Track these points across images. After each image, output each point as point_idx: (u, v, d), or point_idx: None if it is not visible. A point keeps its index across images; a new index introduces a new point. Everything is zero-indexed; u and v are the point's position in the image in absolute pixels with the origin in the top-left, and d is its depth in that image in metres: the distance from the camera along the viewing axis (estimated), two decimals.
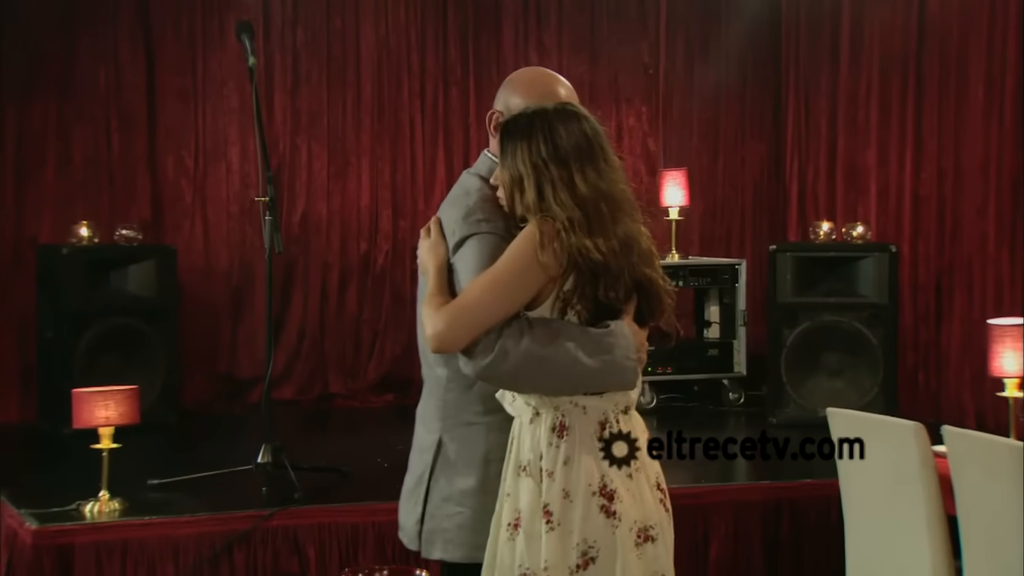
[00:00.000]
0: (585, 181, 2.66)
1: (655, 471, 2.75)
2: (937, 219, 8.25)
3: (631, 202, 2.72)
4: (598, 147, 2.73)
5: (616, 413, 2.72)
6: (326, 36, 9.00)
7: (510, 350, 2.61)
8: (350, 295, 8.98)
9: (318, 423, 8.36)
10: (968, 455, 4.16)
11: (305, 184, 8.92)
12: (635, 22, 9.62)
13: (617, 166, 2.74)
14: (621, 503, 2.65)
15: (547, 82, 3.09)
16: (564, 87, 3.08)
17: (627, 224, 2.68)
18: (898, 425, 4.45)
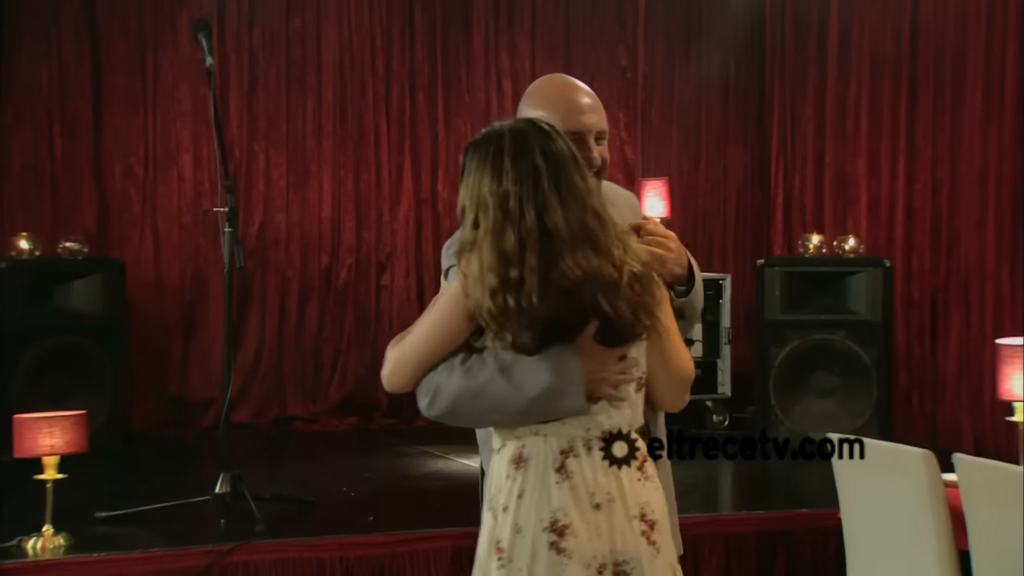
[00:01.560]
0: (524, 221, 2.58)
1: (640, 500, 2.66)
2: (932, 232, 8.22)
3: (589, 233, 2.62)
4: (551, 178, 2.61)
5: (587, 440, 2.65)
6: (285, 37, 8.92)
7: (442, 386, 2.64)
8: (310, 312, 8.89)
9: (276, 448, 8.23)
10: (982, 485, 4.08)
11: (262, 194, 8.83)
12: (612, 23, 9.60)
13: (581, 193, 2.63)
14: (574, 539, 2.56)
15: (566, 93, 2.98)
16: (587, 95, 2.96)
17: (579, 259, 2.57)
18: (906, 453, 4.36)
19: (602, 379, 2.61)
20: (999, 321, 7.65)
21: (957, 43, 8.05)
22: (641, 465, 2.67)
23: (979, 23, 7.87)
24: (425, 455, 7.52)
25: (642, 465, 2.67)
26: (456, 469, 7.07)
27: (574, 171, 2.63)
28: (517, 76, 9.27)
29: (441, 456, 7.45)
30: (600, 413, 2.64)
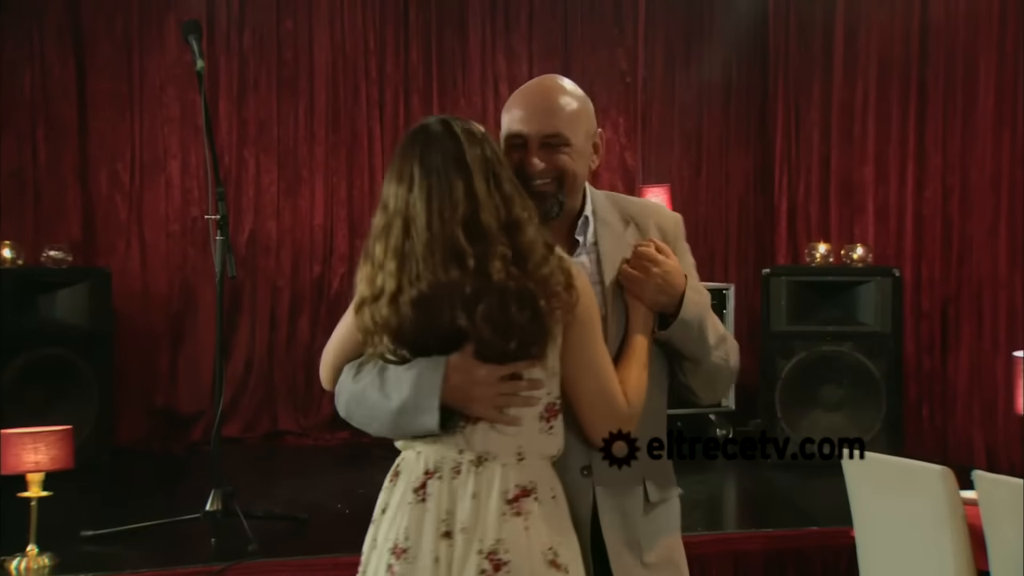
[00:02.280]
0: (391, 229, 2.54)
1: (497, 536, 2.45)
2: (942, 241, 8.18)
3: (454, 244, 2.47)
4: (424, 186, 2.52)
5: (458, 462, 2.51)
6: (276, 39, 8.87)
7: (341, 388, 2.67)
8: (302, 322, 8.84)
9: (267, 463, 8.18)
10: (1003, 503, 4.03)
11: (253, 201, 8.77)
12: (611, 25, 9.56)
13: (457, 202, 2.46)
14: (408, 565, 2.49)
15: (519, 96, 2.83)
16: (542, 99, 2.74)
17: (432, 271, 2.47)
18: (923, 470, 4.32)
19: (475, 398, 2.50)
20: (1012, 332, 7.62)
21: (968, 44, 8.02)
22: (516, 499, 2.51)
23: (991, 23, 7.84)
24: None
25: (517, 499, 2.51)
26: None
27: (459, 178, 2.50)
28: (514, 79, 9.18)
29: None
30: (476, 434, 2.53)
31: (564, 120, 2.70)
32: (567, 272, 2.53)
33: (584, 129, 2.75)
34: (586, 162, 2.77)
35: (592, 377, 2.56)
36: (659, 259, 2.66)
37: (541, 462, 2.55)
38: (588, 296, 2.57)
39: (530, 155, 2.69)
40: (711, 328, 2.71)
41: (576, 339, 2.53)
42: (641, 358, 2.63)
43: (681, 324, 2.65)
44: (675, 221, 2.84)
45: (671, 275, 2.65)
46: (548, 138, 2.69)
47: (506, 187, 2.54)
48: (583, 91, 2.83)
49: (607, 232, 2.75)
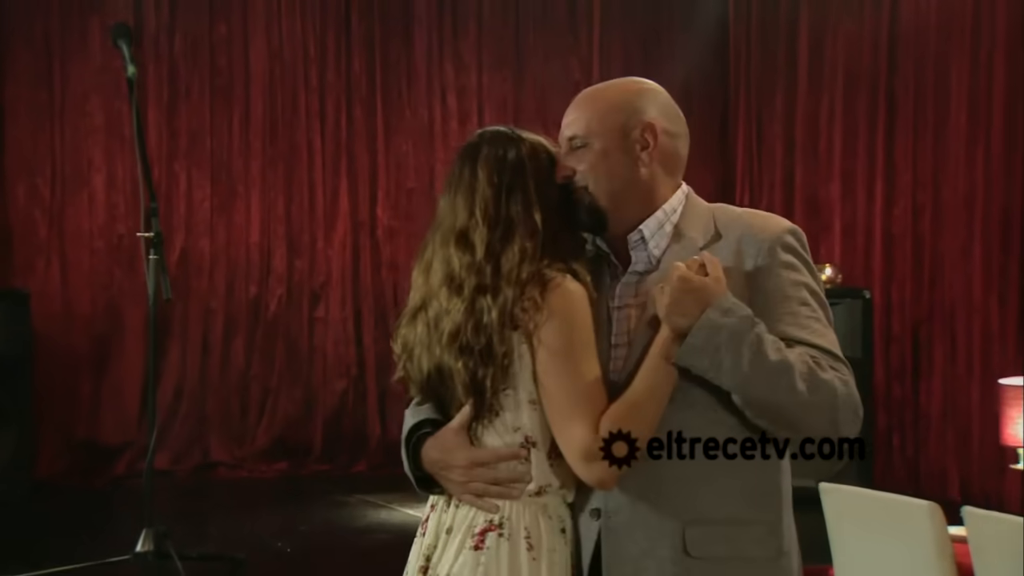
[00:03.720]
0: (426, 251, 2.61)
1: (446, 571, 2.50)
2: (913, 261, 8.19)
3: (450, 272, 2.52)
4: (457, 193, 2.57)
5: (435, 502, 2.61)
6: (208, 45, 8.77)
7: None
8: (236, 346, 8.73)
9: (199, 498, 8.04)
10: (994, 540, 3.98)
11: (184, 217, 8.65)
12: (564, 34, 9.54)
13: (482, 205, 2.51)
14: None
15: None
16: (580, 97, 2.68)
17: (435, 304, 2.53)
18: (909, 505, 4.26)
19: (449, 480, 2.52)
20: (987, 357, 7.62)
21: (940, 54, 8.04)
22: (482, 533, 2.50)
23: (963, 32, 7.86)
24: (365, 504, 7.39)
25: (483, 533, 2.50)
26: (400, 520, 6.93)
27: (469, 183, 2.52)
28: (463, 90, 9.17)
29: (383, 505, 7.32)
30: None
31: (583, 119, 2.57)
32: (543, 288, 2.45)
33: (611, 126, 2.54)
34: (625, 163, 2.55)
35: (552, 408, 2.47)
36: (685, 276, 2.42)
37: (523, 496, 2.51)
38: (563, 319, 2.46)
39: (559, 161, 2.59)
40: (751, 355, 2.39)
41: (540, 365, 2.46)
42: (641, 387, 2.45)
43: (688, 350, 2.40)
44: (773, 236, 2.51)
45: (695, 294, 2.40)
46: (569, 141, 2.58)
47: (529, 194, 2.52)
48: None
49: (678, 248, 2.54)
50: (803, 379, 2.39)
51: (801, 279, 2.50)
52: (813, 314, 2.48)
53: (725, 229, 2.55)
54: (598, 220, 2.56)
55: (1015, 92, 7.55)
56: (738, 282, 2.47)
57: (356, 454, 8.62)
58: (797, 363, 2.38)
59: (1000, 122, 7.64)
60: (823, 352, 2.44)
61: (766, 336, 2.39)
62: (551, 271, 2.47)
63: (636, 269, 2.57)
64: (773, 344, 2.39)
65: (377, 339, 8.86)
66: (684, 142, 2.63)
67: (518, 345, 2.45)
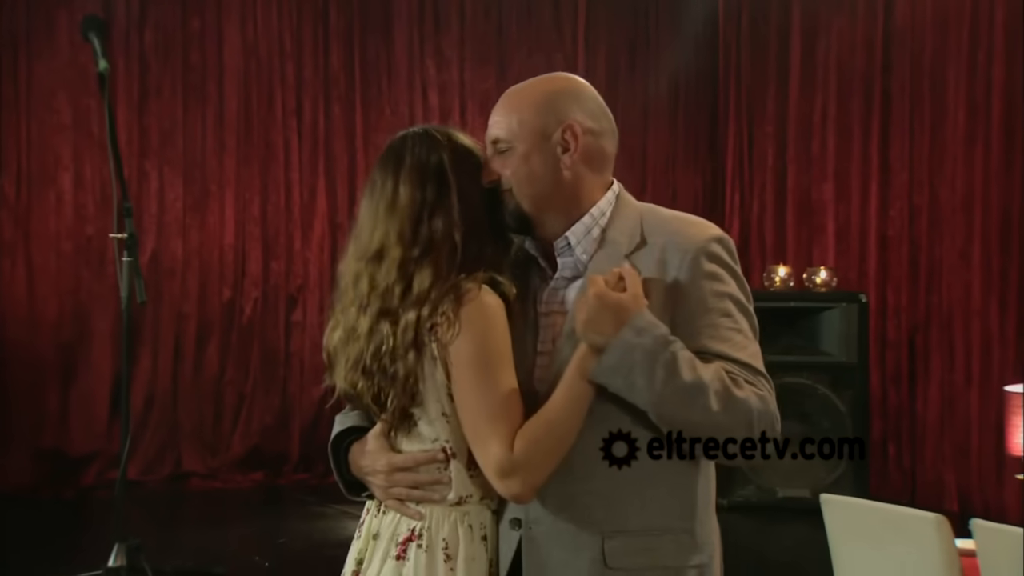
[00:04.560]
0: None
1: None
2: (909, 264, 8.18)
3: (358, 284, 2.58)
4: (375, 199, 2.62)
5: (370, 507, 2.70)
6: (181, 40, 8.71)
7: None
8: (210, 352, 8.67)
9: (172, 510, 7.98)
10: (1005, 555, 3.96)
11: (156, 218, 8.57)
12: (549, 30, 9.50)
13: (370, 228, 2.57)
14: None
15: None
16: (505, 95, 2.69)
17: (344, 318, 2.62)
18: (914, 517, 4.22)
19: (373, 484, 2.62)
20: (987, 364, 7.61)
21: (936, 52, 8.03)
22: (404, 542, 2.57)
23: (960, 30, 7.84)
24: (345, 515, 7.32)
25: (404, 542, 2.57)
26: None
27: (386, 190, 2.56)
28: (444, 87, 9.13)
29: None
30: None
31: (504, 121, 2.59)
32: (457, 302, 2.49)
33: (530, 128, 2.55)
34: (546, 167, 2.56)
35: (467, 423, 2.51)
36: (601, 292, 2.41)
37: (439, 508, 2.58)
38: (476, 332, 2.48)
39: (488, 162, 2.61)
40: (664, 375, 2.38)
41: (454, 380, 2.51)
42: (557, 403, 2.47)
43: (602, 369, 2.41)
44: (697, 245, 2.50)
45: (611, 311, 2.40)
46: (493, 144, 2.60)
47: (451, 210, 2.54)
48: (552, 85, 2.62)
49: (604, 255, 2.55)
50: (718, 398, 2.40)
51: (724, 290, 2.51)
52: (735, 326, 2.49)
53: (651, 235, 2.56)
54: (523, 224, 2.59)
55: (1014, 90, 7.54)
56: (659, 293, 2.48)
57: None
58: (712, 382, 2.39)
59: (999, 121, 7.63)
60: (742, 366, 2.45)
61: (681, 355, 2.40)
62: (467, 283, 2.50)
63: (563, 275, 2.60)
64: (688, 363, 2.40)
65: None
66: (610, 139, 2.63)
67: (428, 363, 2.50)
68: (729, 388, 2.40)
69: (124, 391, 5.18)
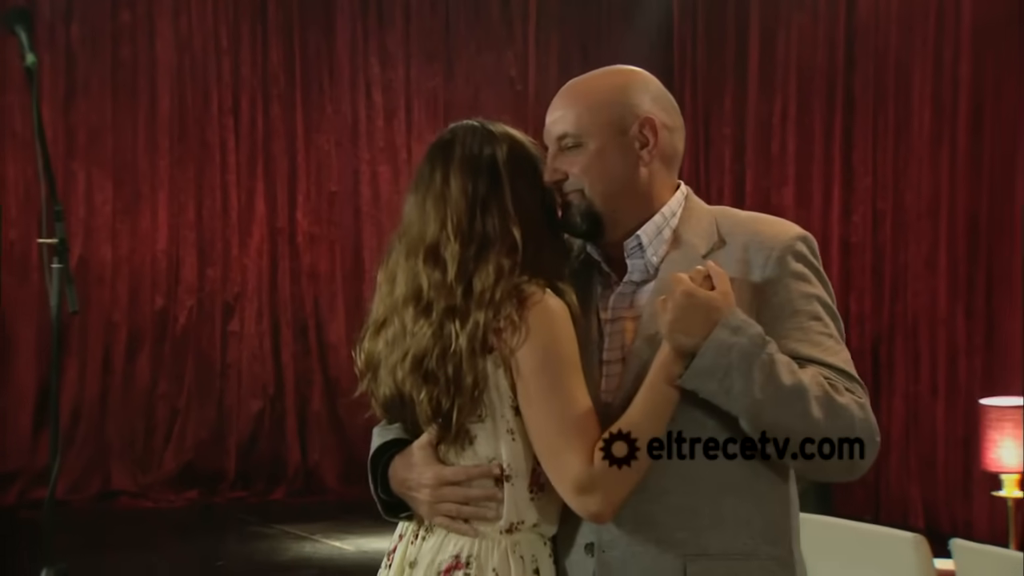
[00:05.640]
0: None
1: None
2: (873, 272, 8.17)
3: (417, 291, 2.47)
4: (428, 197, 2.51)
5: (424, 528, 2.54)
6: (110, 34, 8.60)
7: None
8: (141, 363, 8.57)
9: (100, 531, 7.81)
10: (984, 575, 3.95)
11: (83, 222, 8.46)
12: (498, 25, 9.47)
13: (454, 214, 2.45)
14: None
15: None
16: (562, 91, 2.57)
17: (397, 322, 2.49)
18: (892, 537, 4.21)
19: (418, 501, 2.49)
20: (953, 375, 7.61)
21: (901, 50, 8.03)
22: (448, 570, 2.46)
23: (926, 26, 7.85)
24: (286, 536, 7.28)
25: (449, 570, 2.46)
26: (327, 553, 6.84)
27: (441, 189, 2.44)
28: (389, 85, 9.07)
29: (306, 537, 7.21)
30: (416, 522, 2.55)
31: (572, 116, 2.47)
32: (521, 306, 2.36)
33: (604, 122, 2.45)
34: (624, 164, 2.46)
35: (538, 437, 2.38)
36: (690, 290, 2.31)
37: (489, 536, 2.45)
38: (544, 339, 2.36)
39: (547, 163, 2.50)
40: (763, 378, 2.31)
41: (522, 391, 2.38)
42: (639, 411, 2.36)
43: (694, 372, 2.31)
44: (783, 243, 2.41)
45: (701, 310, 2.31)
46: (559, 140, 2.48)
47: (507, 206, 2.42)
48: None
49: (679, 256, 2.44)
50: (819, 404, 2.30)
51: (813, 291, 2.41)
52: (825, 330, 2.39)
53: (729, 235, 2.45)
54: (595, 226, 2.47)
55: (982, 89, 7.56)
56: (744, 294, 2.38)
57: (273, 480, 8.47)
58: (812, 387, 2.29)
59: (966, 122, 7.63)
60: (837, 372, 2.35)
61: (779, 357, 2.30)
62: (530, 287, 2.38)
63: (632, 278, 2.48)
64: (787, 366, 2.30)
65: (296, 355, 8.74)
66: (681, 136, 2.54)
67: (493, 371, 2.37)
68: (830, 394, 2.31)
69: (53, 405, 5.01)
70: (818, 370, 2.33)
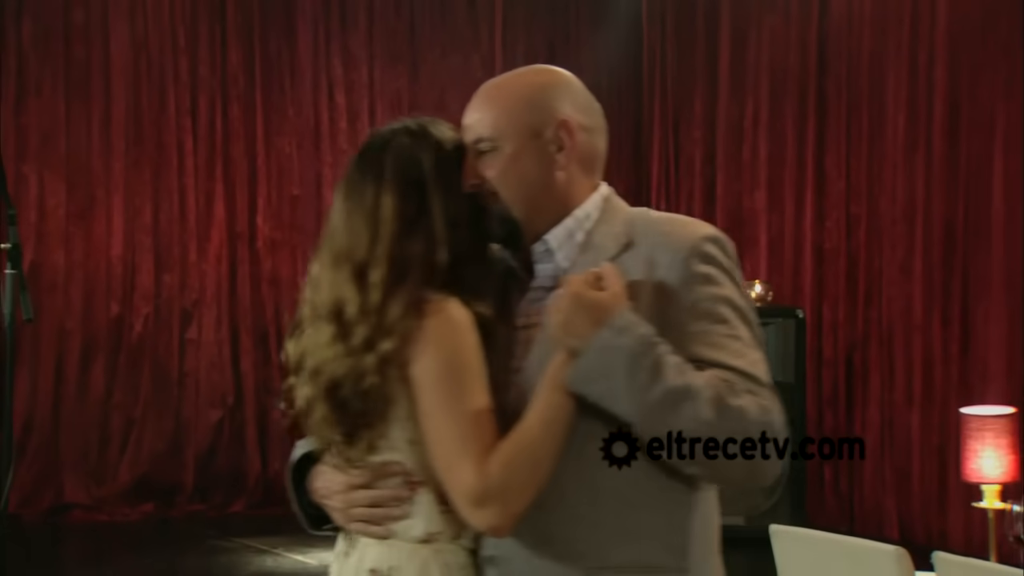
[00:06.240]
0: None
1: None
2: (847, 278, 8.20)
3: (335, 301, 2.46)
4: (352, 203, 2.52)
5: (351, 540, 2.57)
6: (63, 32, 8.54)
7: None
8: (95, 373, 8.50)
9: (52, 546, 7.81)
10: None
11: (35, 226, 8.39)
12: (464, 27, 9.47)
13: (338, 232, 2.47)
14: None
15: None
16: (481, 91, 2.58)
17: (313, 334, 2.50)
18: (873, 550, 4.18)
19: (332, 508, 2.54)
20: (929, 383, 7.63)
21: (875, 52, 8.05)
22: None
23: (900, 28, 7.88)
24: (246, 549, 7.27)
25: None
26: (290, 567, 6.83)
27: (364, 194, 2.44)
28: (352, 87, 9.05)
29: (268, 551, 7.20)
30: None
31: (488, 118, 2.46)
32: (420, 316, 2.38)
33: (519, 125, 2.44)
34: (539, 166, 2.44)
35: (435, 448, 2.39)
36: (577, 291, 2.30)
37: (409, 544, 2.46)
38: (441, 348, 2.37)
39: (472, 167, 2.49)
40: (648, 379, 2.27)
41: (419, 402, 2.39)
42: (533, 422, 2.34)
43: (579, 375, 2.30)
44: (689, 245, 2.38)
45: (588, 311, 2.29)
46: (474, 144, 2.46)
47: (434, 228, 2.42)
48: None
49: (588, 260, 2.42)
50: (710, 406, 2.24)
51: (720, 293, 2.36)
52: (731, 332, 2.33)
53: (640, 237, 2.42)
54: (513, 232, 2.47)
55: (958, 93, 7.58)
56: (648, 297, 2.36)
57: (233, 493, 8.42)
58: (704, 388, 2.24)
59: (941, 127, 7.65)
60: (740, 375, 2.29)
61: (667, 358, 2.26)
62: (432, 297, 2.38)
63: (543, 284, 2.47)
64: (676, 367, 2.27)
65: (256, 364, 8.70)
66: (602, 137, 2.54)
67: (394, 383, 2.38)
68: (723, 395, 2.25)
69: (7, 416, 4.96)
70: (717, 373, 2.28)
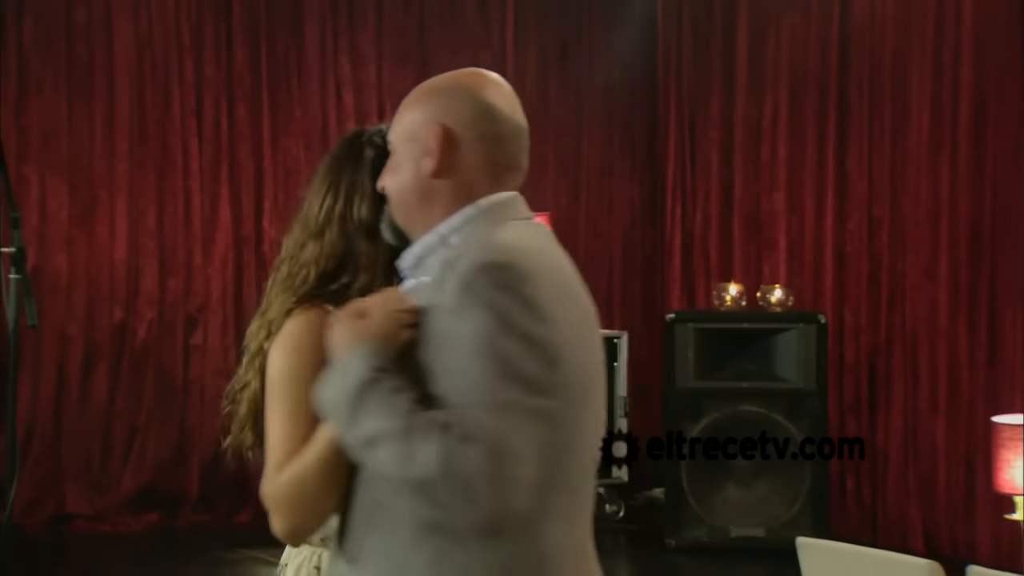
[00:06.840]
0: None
1: None
2: (869, 282, 8.16)
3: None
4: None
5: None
6: (65, 31, 8.50)
7: None
8: (98, 379, 8.46)
9: (54, 557, 7.77)
10: None
11: (37, 229, 8.32)
12: (475, 25, 9.43)
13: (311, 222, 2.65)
14: None
15: None
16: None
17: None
18: (905, 564, 4.15)
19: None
20: (955, 390, 7.59)
21: (898, 51, 8.02)
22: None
23: (925, 26, 7.85)
24: (253, 561, 7.24)
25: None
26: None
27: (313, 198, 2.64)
28: (360, 87, 9.02)
29: (273, 562, 7.04)
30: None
31: (393, 123, 2.49)
32: (283, 316, 2.55)
33: (405, 128, 2.42)
34: (409, 173, 2.40)
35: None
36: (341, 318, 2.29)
37: (309, 546, 2.81)
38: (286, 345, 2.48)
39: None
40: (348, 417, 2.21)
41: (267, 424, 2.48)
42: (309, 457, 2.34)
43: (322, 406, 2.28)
44: (463, 275, 2.23)
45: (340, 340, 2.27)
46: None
47: (346, 209, 2.61)
48: (441, 82, 2.45)
49: (418, 282, 2.40)
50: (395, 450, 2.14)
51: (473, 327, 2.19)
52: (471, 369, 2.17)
53: (455, 260, 2.29)
54: (400, 240, 2.47)
55: (984, 92, 7.56)
56: (430, 325, 2.25)
57: (238, 502, 8.31)
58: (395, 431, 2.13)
59: (967, 126, 7.62)
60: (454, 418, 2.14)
61: (380, 396, 2.17)
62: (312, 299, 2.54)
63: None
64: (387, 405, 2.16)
65: None
66: (499, 146, 2.46)
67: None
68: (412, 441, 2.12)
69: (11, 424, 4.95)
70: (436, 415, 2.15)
